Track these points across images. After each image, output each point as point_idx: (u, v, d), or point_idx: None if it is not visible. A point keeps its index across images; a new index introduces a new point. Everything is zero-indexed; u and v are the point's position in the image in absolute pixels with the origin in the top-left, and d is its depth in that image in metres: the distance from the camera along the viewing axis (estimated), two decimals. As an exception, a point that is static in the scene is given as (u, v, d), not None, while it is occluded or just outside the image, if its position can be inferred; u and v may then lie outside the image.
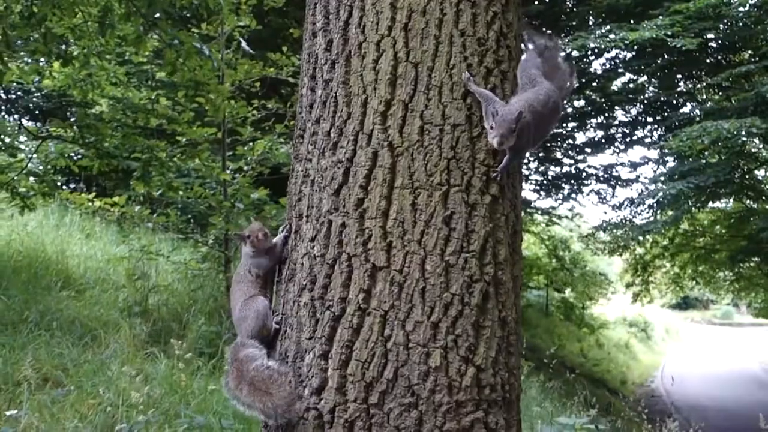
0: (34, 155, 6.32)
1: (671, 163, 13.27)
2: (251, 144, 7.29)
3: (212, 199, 6.54)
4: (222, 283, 6.40)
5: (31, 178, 6.53)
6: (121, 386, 3.86)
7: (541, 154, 17.46)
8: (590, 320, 23.58)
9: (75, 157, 6.69)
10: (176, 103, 7.29)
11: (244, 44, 6.75)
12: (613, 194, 17.16)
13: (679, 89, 14.13)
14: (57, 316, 5.06)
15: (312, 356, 1.55)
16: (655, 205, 13.65)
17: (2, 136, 6.44)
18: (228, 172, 6.65)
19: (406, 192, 1.57)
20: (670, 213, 13.56)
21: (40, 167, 6.51)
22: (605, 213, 51.79)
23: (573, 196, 18.16)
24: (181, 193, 6.64)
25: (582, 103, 16.14)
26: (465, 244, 1.57)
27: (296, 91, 7.60)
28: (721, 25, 11.28)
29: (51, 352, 4.26)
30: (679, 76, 13.90)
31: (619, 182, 16.54)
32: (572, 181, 17.65)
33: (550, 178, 18.12)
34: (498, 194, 1.64)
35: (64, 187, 9.45)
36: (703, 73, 13.30)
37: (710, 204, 15.26)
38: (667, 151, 11.71)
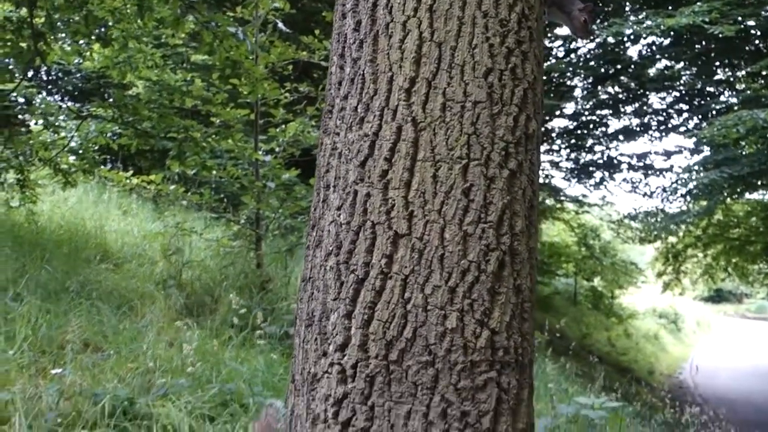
0: (75, 134, 6.55)
1: (706, 152, 13.05)
2: (283, 126, 7.44)
3: (245, 179, 6.71)
4: (253, 260, 6.58)
5: (72, 157, 6.79)
6: (156, 353, 4.05)
7: (572, 141, 17.30)
8: (619, 310, 23.37)
9: (114, 137, 6.92)
10: (211, 84, 7.47)
11: (280, 24, 6.87)
12: (646, 183, 16.92)
13: (716, 77, 13.83)
14: (96, 287, 5.30)
15: (336, 316, 1.67)
16: (688, 194, 13.46)
17: (44, 115, 6.70)
18: (260, 153, 6.81)
19: (428, 165, 1.67)
20: (703, 203, 13.36)
21: (81, 145, 6.75)
22: (637, 201, 51.00)
23: (604, 183, 17.96)
24: (214, 172, 6.83)
25: (617, 89, 15.90)
26: (483, 214, 1.66)
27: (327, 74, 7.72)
28: (763, 12, 11.01)
29: (91, 319, 4.48)
30: (717, 63, 13.61)
31: (652, 170, 16.30)
32: (604, 169, 17.45)
33: (581, 165, 17.94)
34: (516, 169, 1.72)
35: (102, 165, 9.76)
36: (742, 61, 13.00)
37: (746, 195, 14.96)
38: (701, 139, 11.53)
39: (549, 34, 13.56)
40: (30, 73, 9.33)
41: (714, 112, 12.96)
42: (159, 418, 3.34)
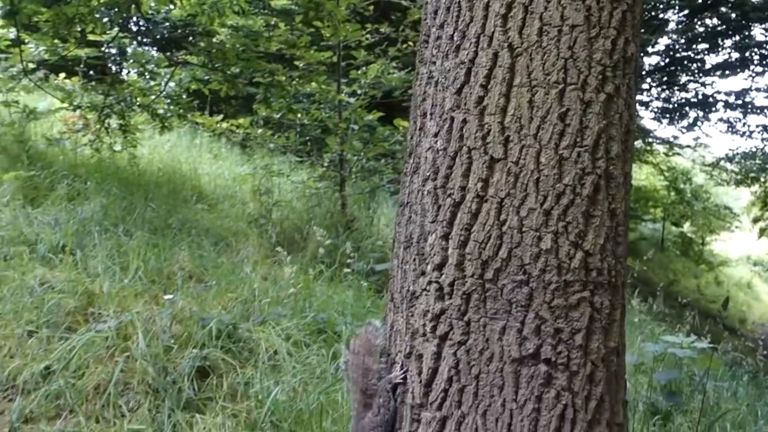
0: (169, 80, 6.86)
1: (815, 87, 12.05)
2: (364, 68, 7.47)
3: (328, 121, 6.84)
4: (337, 201, 6.78)
5: (167, 102, 7.12)
6: (253, 285, 4.32)
7: (664, 79, 16.39)
8: (709, 257, 22.42)
9: (204, 82, 7.18)
10: (294, 28, 7.56)
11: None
12: (745, 122, 15.88)
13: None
14: (195, 225, 5.65)
15: (434, 237, 1.75)
16: (792, 133, 12.58)
17: (139, 63, 7.03)
18: (343, 95, 6.91)
19: (524, 90, 1.69)
20: (808, 142, 12.46)
21: (174, 92, 7.06)
22: (734, 142, 47.99)
23: (698, 124, 16.99)
24: (299, 115, 7.00)
25: (715, 21, 14.82)
26: (579, 139, 1.68)
27: (407, 15, 7.62)
28: None
29: (193, 253, 4.80)
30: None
31: (752, 109, 15.26)
32: (698, 108, 16.48)
33: (673, 104, 17.01)
34: (613, 93, 1.72)
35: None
36: None
37: None
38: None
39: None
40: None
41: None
42: (260, 342, 3.61)
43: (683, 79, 16.10)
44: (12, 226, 4.47)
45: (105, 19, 6.96)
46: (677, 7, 14.30)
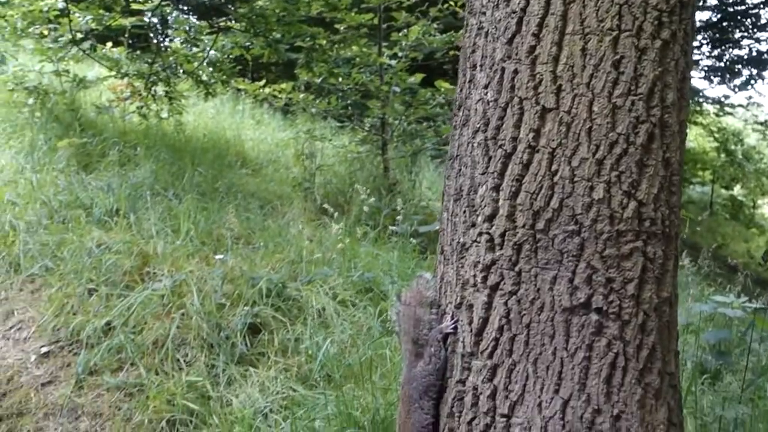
0: (212, 46, 6.92)
1: None
2: (405, 30, 7.39)
3: (370, 84, 6.83)
4: (380, 164, 6.80)
5: (210, 69, 7.20)
6: (299, 246, 4.40)
7: (715, 35, 15.73)
8: (761, 220, 21.71)
9: (246, 48, 7.22)
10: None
11: None
12: (803, 79, 15.17)
13: None
14: (240, 189, 5.77)
15: (485, 189, 1.76)
16: None
17: (182, 30, 7.10)
18: (384, 58, 6.86)
19: (577, 38, 1.67)
20: None
21: (217, 58, 7.12)
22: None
23: (752, 83, 16.29)
24: (340, 79, 7.00)
25: (772, -29, 14.09)
26: (633, 87, 1.65)
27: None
28: None
29: (240, 216, 4.91)
30: None
31: (810, 65, 14.55)
32: (752, 66, 15.78)
33: (725, 62, 16.32)
34: (669, 39, 1.68)
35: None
36: None
37: None
38: None
39: None
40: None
41: None
42: (308, 301, 3.70)
43: (736, 35, 15.40)
44: (68, 191, 4.65)
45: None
46: (731, -41, 13.64)
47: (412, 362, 1.90)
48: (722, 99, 17.67)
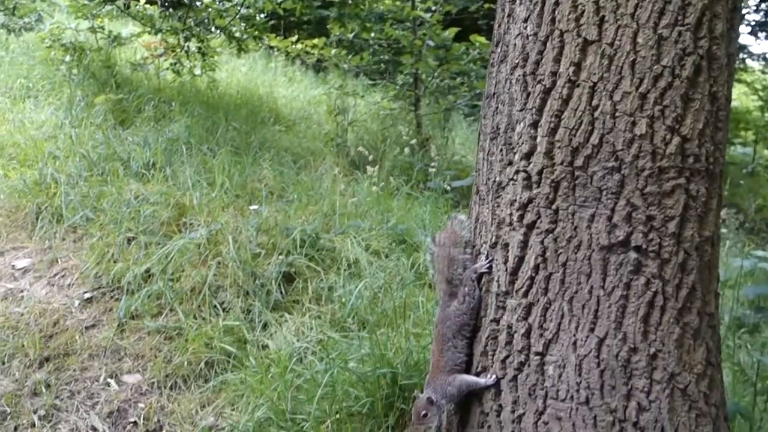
0: (244, 1, 6.87)
1: None
2: (439, -18, 7.22)
3: (403, 39, 6.72)
4: (413, 120, 6.74)
5: (242, 26, 7.15)
6: (332, 199, 4.42)
7: (764, -13, 15.01)
8: (805, 183, 21.00)
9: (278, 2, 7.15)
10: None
11: None
12: None
13: None
14: (273, 145, 5.78)
15: (522, 126, 1.73)
16: None
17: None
18: (417, 11, 6.73)
19: (622, -34, 1.61)
20: None
21: (250, 13, 7.07)
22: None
23: (801, 37, 15.56)
24: (372, 34, 6.90)
25: None
26: (680, 17, 1.59)
27: None
28: None
29: (273, 170, 4.94)
30: None
31: None
32: (803, 20, 15.05)
33: (773, 16, 15.59)
34: (720, -33, 1.61)
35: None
36: None
37: None
38: None
39: None
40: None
41: None
42: (341, 251, 3.73)
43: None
44: (106, 145, 4.72)
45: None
46: None
47: (446, 302, 1.90)
48: (769, 55, 16.95)
